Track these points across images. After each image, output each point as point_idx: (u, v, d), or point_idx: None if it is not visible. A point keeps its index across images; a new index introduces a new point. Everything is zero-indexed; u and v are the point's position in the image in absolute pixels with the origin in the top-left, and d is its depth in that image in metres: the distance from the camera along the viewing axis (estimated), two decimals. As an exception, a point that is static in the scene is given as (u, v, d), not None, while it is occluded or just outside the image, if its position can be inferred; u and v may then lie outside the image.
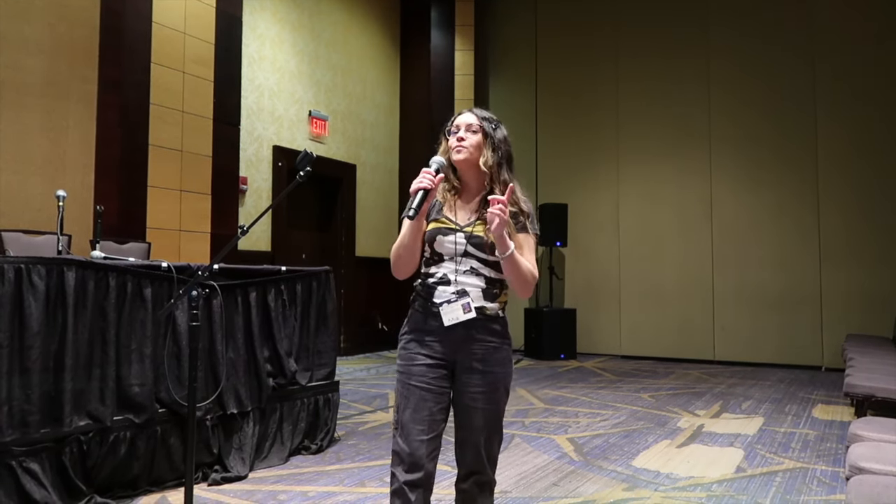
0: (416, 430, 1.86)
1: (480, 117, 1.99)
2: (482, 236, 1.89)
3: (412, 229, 1.88)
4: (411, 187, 1.82)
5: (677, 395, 5.92)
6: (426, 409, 1.88)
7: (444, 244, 1.91)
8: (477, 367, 1.90)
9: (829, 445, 4.13)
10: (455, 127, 1.98)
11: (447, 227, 1.92)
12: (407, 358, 1.94)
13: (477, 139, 1.94)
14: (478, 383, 1.90)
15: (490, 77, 9.78)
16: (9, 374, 2.64)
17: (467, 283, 1.89)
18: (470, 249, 1.90)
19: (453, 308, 1.87)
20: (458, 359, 1.90)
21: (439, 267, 1.92)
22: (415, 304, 1.97)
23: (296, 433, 3.86)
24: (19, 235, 3.99)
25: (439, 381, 1.90)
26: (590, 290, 8.91)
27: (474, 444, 1.91)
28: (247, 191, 6.91)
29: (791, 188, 7.79)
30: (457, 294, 1.87)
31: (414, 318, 1.96)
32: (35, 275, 2.74)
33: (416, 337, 1.93)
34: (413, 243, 1.90)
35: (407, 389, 1.90)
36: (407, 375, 1.91)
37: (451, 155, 1.95)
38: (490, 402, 1.92)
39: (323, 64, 8.07)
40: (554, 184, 9.20)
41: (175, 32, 5.43)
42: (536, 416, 5.01)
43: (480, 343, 1.90)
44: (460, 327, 1.87)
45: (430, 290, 1.91)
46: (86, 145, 5.08)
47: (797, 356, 7.63)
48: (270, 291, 3.76)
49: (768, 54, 7.96)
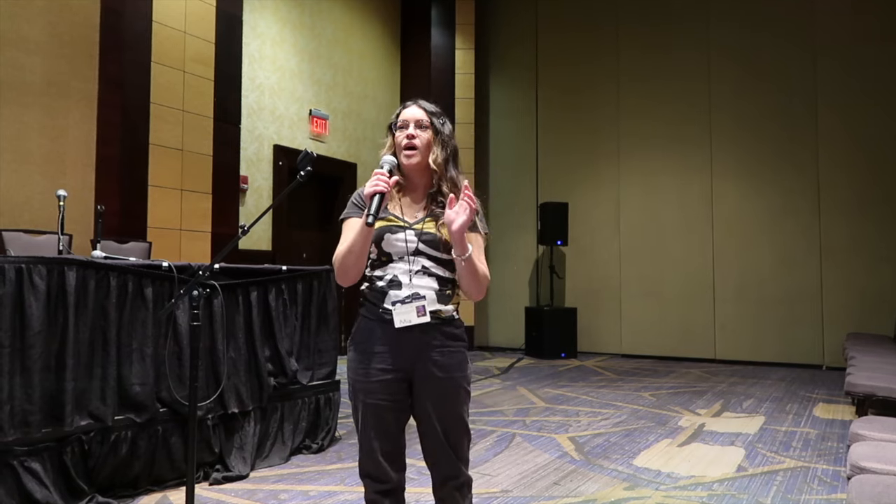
0: (378, 448, 1.81)
1: (429, 112, 1.90)
2: (434, 233, 1.83)
3: (363, 233, 1.74)
4: (365, 191, 1.72)
5: (678, 393, 5.92)
6: (385, 425, 1.82)
7: (394, 243, 1.81)
8: (436, 373, 1.81)
9: (830, 444, 4.13)
10: (402, 122, 1.89)
11: (395, 224, 1.83)
12: (360, 372, 1.83)
13: (427, 136, 1.87)
14: (439, 391, 1.82)
15: (490, 75, 9.79)
16: (10, 374, 2.64)
17: (420, 284, 1.80)
18: (422, 247, 1.81)
19: (406, 309, 1.77)
20: (416, 367, 1.81)
21: (387, 269, 1.82)
22: (363, 310, 1.86)
23: (297, 432, 3.86)
24: (20, 235, 3.99)
25: (397, 394, 1.82)
26: (590, 289, 8.90)
27: (444, 451, 1.83)
28: (247, 190, 6.90)
29: (792, 186, 7.78)
30: (410, 297, 1.78)
31: (364, 327, 1.85)
32: (36, 275, 2.74)
33: (368, 348, 1.82)
34: (364, 247, 1.76)
35: (364, 406, 1.82)
36: (363, 393, 1.82)
37: (398, 152, 1.87)
38: (454, 406, 1.84)
39: (324, 63, 8.06)
40: (554, 182, 9.19)
41: (175, 32, 5.43)
42: (537, 415, 5.01)
43: (438, 349, 1.81)
44: (416, 334, 1.78)
45: (380, 295, 1.82)
46: (86, 144, 5.08)
47: (798, 355, 7.62)
48: (271, 291, 3.76)
49: (769, 48, 7.94)
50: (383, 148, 1.94)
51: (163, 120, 5.32)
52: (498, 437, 4.30)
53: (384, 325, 1.80)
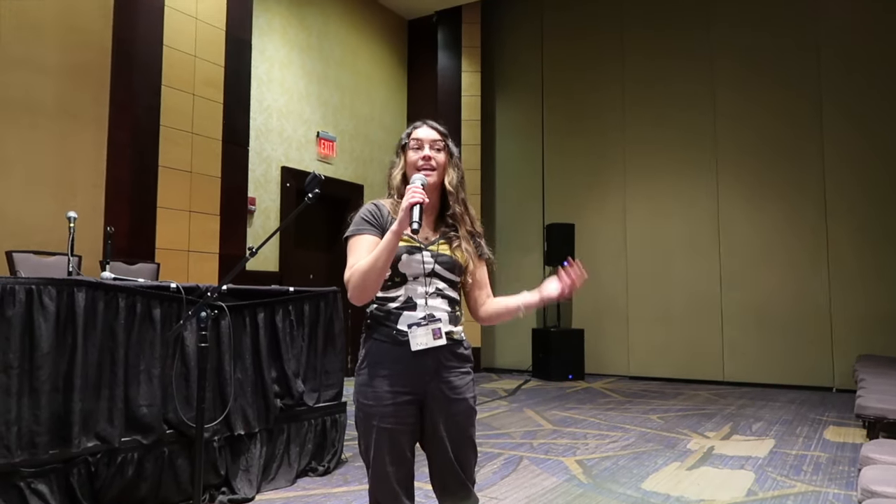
0: (393, 473, 1.77)
1: (442, 133, 1.90)
2: (450, 255, 1.83)
3: (389, 247, 1.69)
4: (403, 204, 1.68)
5: (686, 416, 5.87)
6: (399, 449, 1.78)
7: (412, 264, 1.79)
8: (449, 394, 1.80)
9: (841, 468, 4.07)
10: (415, 142, 1.87)
11: (411, 245, 1.80)
12: (371, 396, 1.78)
13: (442, 158, 1.87)
14: (451, 412, 1.80)
15: (497, 97, 9.87)
16: (18, 395, 2.65)
17: (435, 306, 1.79)
18: (437, 269, 1.81)
19: (423, 332, 1.76)
20: (428, 390, 1.79)
21: (401, 289, 1.80)
22: (374, 332, 1.83)
23: (303, 454, 3.84)
24: (30, 256, 4.01)
25: (410, 416, 1.79)
26: (597, 311, 8.88)
27: (453, 472, 1.81)
28: (255, 211, 6.95)
29: (798, 206, 7.76)
30: (426, 318, 1.77)
31: (377, 350, 1.81)
32: (46, 296, 2.76)
33: (380, 371, 1.78)
34: (388, 262, 1.71)
35: (379, 431, 1.77)
36: (377, 417, 1.77)
37: (409, 171, 1.86)
38: (465, 427, 1.83)
39: (331, 85, 8.15)
40: (561, 204, 9.21)
41: (185, 55, 5.51)
42: (545, 437, 4.97)
43: (451, 371, 1.81)
44: (430, 356, 1.77)
45: (393, 316, 1.79)
46: (96, 166, 5.13)
47: (808, 377, 7.55)
48: (278, 312, 3.77)
49: (772, 54, 7.96)
50: (393, 168, 1.93)
51: (172, 142, 5.37)
52: (505, 459, 4.27)
53: (398, 347, 1.78)
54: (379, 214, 1.86)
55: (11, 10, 4.73)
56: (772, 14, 8.01)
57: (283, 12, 7.51)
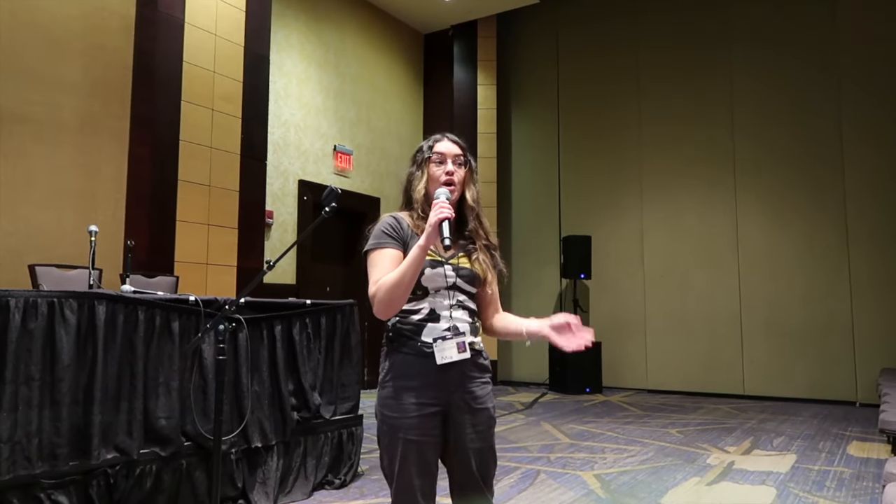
0: (419, 486, 1.76)
1: (462, 147, 1.91)
2: (470, 269, 1.85)
3: (416, 261, 1.69)
4: (431, 220, 1.67)
5: (706, 430, 5.80)
6: (426, 462, 1.77)
7: (435, 278, 1.80)
8: (473, 406, 1.81)
9: (865, 484, 4.00)
10: (438, 155, 1.88)
11: (434, 259, 1.81)
12: (396, 408, 1.78)
13: (463, 173, 1.89)
14: (474, 422, 1.81)
15: (512, 110, 9.90)
16: (39, 407, 2.68)
17: (459, 318, 1.81)
18: (459, 282, 1.83)
19: (448, 345, 1.77)
20: (452, 401, 1.79)
21: (423, 302, 1.81)
22: (396, 345, 1.82)
23: (319, 467, 3.85)
24: (52, 270, 4.07)
25: (435, 428, 1.79)
26: (615, 323, 8.82)
27: (475, 483, 1.82)
28: (272, 224, 7.00)
29: (818, 217, 7.68)
30: (450, 331, 1.79)
31: (401, 362, 1.81)
32: (67, 309, 2.79)
33: (405, 383, 1.78)
34: (415, 276, 1.72)
35: (402, 443, 1.76)
36: (403, 429, 1.76)
37: (431, 184, 1.87)
38: (488, 437, 1.84)
39: (348, 99, 8.22)
40: (577, 216, 9.19)
41: (205, 71, 5.59)
42: (562, 451, 4.93)
43: (474, 381, 1.83)
44: (454, 368, 1.78)
45: (416, 329, 1.80)
46: (117, 181, 5.21)
47: (830, 391, 7.44)
48: (295, 325, 3.78)
49: (791, 73, 7.91)
50: (412, 180, 1.92)
51: (191, 156, 5.44)
52: (522, 473, 4.24)
53: (423, 359, 1.78)
54: (399, 228, 1.85)
55: (37, 29, 4.83)
56: (793, 36, 7.96)
57: (301, 28, 7.60)
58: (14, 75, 4.70)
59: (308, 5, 7.72)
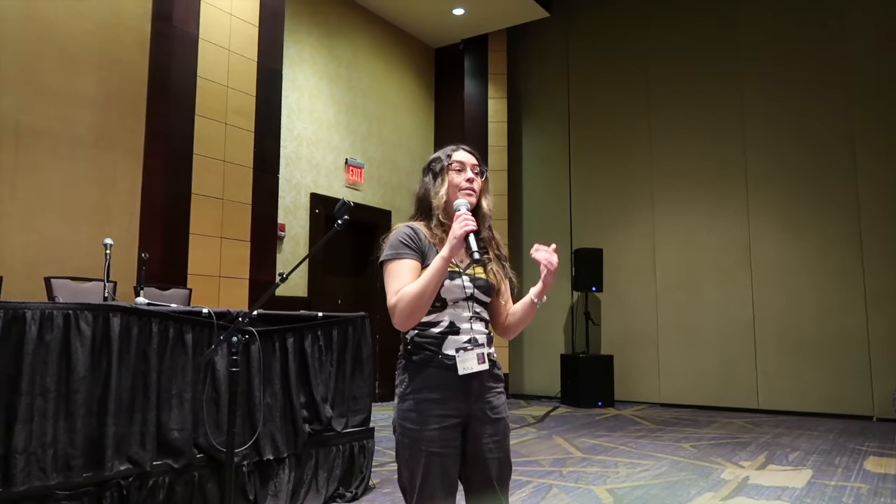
0: (442, 499, 1.76)
1: (478, 158, 1.94)
2: (486, 279, 1.87)
3: (438, 273, 1.69)
4: (456, 232, 1.68)
5: (720, 444, 5.74)
6: (447, 475, 1.77)
7: (453, 289, 1.80)
8: (490, 416, 1.82)
9: (883, 500, 3.94)
10: (458, 164, 1.90)
11: (451, 270, 1.80)
12: (418, 421, 1.77)
13: (480, 182, 1.92)
14: (493, 432, 1.83)
15: (523, 123, 9.93)
16: (55, 418, 2.70)
17: (477, 330, 1.82)
18: (476, 293, 1.84)
19: (469, 356, 1.78)
20: (472, 412, 1.80)
21: (442, 314, 1.81)
22: (416, 357, 1.81)
23: (331, 480, 3.84)
24: (67, 282, 4.11)
25: (455, 440, 1.79)
26: (627, 336, 8.77)
27: (493, 493, 1.83)
28: (285, 237, 7.04)
29: (832, 231, 7.62)
30: (471, 342, 1.80)
31: (421, 374, 1.80)
32: (82, 321, 2.82)
33: (426, 395, 1.78)
34: (437, 287, 1.72)
35: (424, 456, 1.75)
36: (424, 441, 1.76)
37: (451, 192, 1.87)
38: (505, 447, 1.86)
39: (359, 113, 8.28)
40: (588, 228, 9.18)
41: (218, 86, 5.65)
42: (574, 465, 4.90)
43: (491, 391, 1.84)
44: (474, 379, 1.79)
45: (436, 341, 1.80)
46: (132, 194, 5.26)
47: (846, 405, 7.35)
48: (307, 337, 3.79)
49: (803, 88, 7.89)
50: (430, 187, 1.91)
51: (205, 170, 5.49)
52: (534, 488, 4.21)
53: (443, 371, 1.78)
54: (417, 238, 1.85)
55: (54, 45, 4.91)
56: (803, 50, 7.93)
57: (314, 43, 7.68)
58: (31, 90, 4.77)
59: (320, 20, 7.80)
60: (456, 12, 8.63)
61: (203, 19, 5.55)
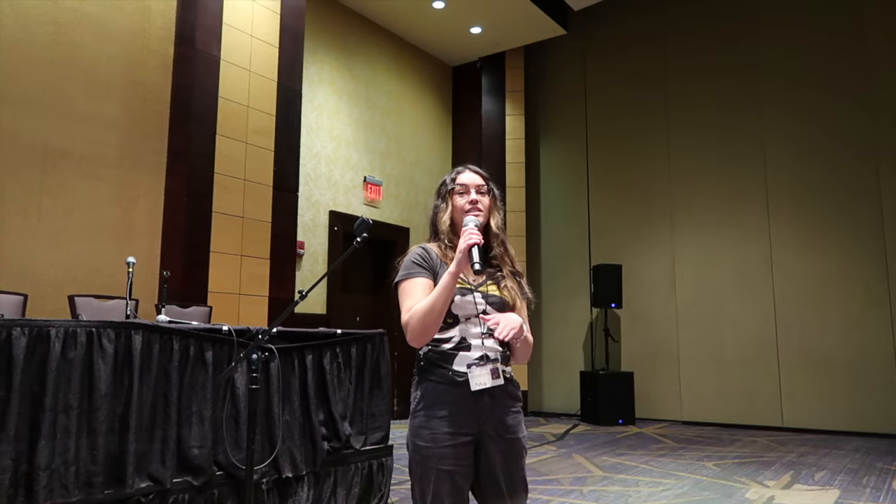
0: None
1: (484, 177, 1.95)
2: (499, 295, 1.86)
3: (447, 289, 1.72)
4: (461, 246, 1.73)
5: (744, 463, 5.64)
6: (459, 493, 1.77)
7: (465, 305, 1.81)
8: (504, 435, 1.81)
9: (913, 521, 3.84)
10: (461, 187, 1.92)
11: (463, 286, 1.82)
12: (429, 438, 1.77)
13: (487, 201, 1.92)
14: (506, 451, 1.81)
15: (541, 140, 9.94)
16: (77, 435, 2.73)
17: (490, 346, 1.81)
18: (489, 310, 1.83)
19: (482, 372, 1.78)
20: (484, 429, 1.79)
21: (454, 330, 1.82)
22: (429, 374, 1.83)
23: (349, 498, 3.83)
24: (91, 300, 4.17)
25: (468, 458, 1.79)
26: (647, 353, 8.68)
27: None
28: (304, 255, 7.09)
29: (856, 251, 7.50)
30: (482, 359, 1.80)
31: (433, 391, 1.81)
32: (105, 338, 2.86)
33: (438, 412, 1.78)
34: (447, 303, 1.75)
35: (435, 473, 1.75)
36: (434, 458, 1.76)
37: (456, 215, 1.90)
38: (519, 467, 1.84)
39: (378, 132, 8.35)
40: (607, 245, 9.14)
41: (239, 106, 5.74)
42: (595, 484, 4.84)
43: (506, 409, 1.83)
44: (487, 396, 1.78)
45: (448, 357, 1.81)
46: (154, 213, 5.34)
47: (873, 423, 7.19)
48: (326, 354, 3.80)
49: (825, 107, 7.82)
50: (438, 212, 1.96)
51: (226, 189, 5.56)
52: (554, 506, 4.16)
53: (455, 387, 1.78)
54: (428, 258, 1.88)
55: (81, 68, 5.02)
56: (823, 67, 7.86)
57: (333, 63, 7.77)
58: (58, 112, 4.88)
59: (339, 41, 7.90)
60: (473, 31, 8.70)
61: (225, 41, 5.65)
